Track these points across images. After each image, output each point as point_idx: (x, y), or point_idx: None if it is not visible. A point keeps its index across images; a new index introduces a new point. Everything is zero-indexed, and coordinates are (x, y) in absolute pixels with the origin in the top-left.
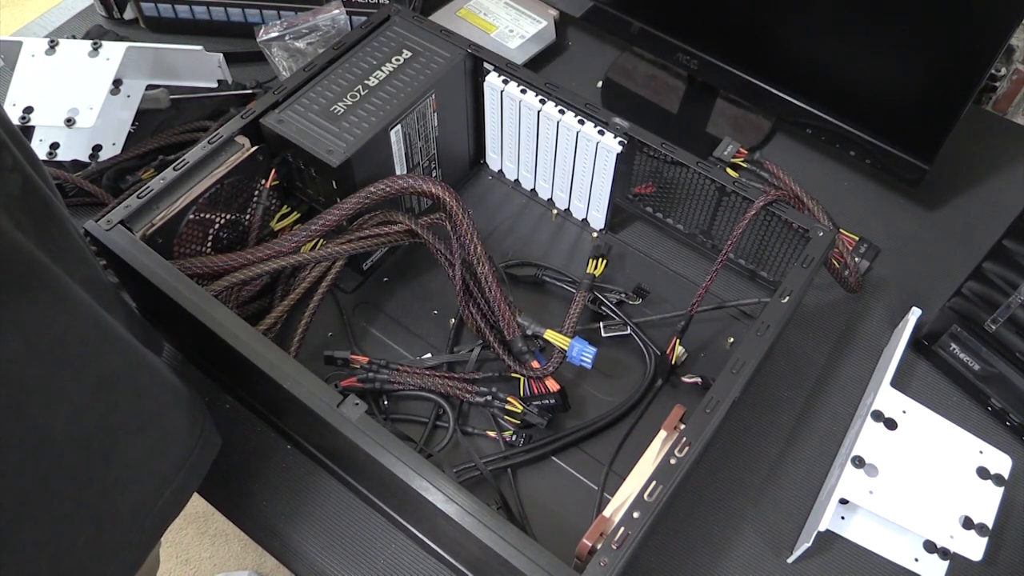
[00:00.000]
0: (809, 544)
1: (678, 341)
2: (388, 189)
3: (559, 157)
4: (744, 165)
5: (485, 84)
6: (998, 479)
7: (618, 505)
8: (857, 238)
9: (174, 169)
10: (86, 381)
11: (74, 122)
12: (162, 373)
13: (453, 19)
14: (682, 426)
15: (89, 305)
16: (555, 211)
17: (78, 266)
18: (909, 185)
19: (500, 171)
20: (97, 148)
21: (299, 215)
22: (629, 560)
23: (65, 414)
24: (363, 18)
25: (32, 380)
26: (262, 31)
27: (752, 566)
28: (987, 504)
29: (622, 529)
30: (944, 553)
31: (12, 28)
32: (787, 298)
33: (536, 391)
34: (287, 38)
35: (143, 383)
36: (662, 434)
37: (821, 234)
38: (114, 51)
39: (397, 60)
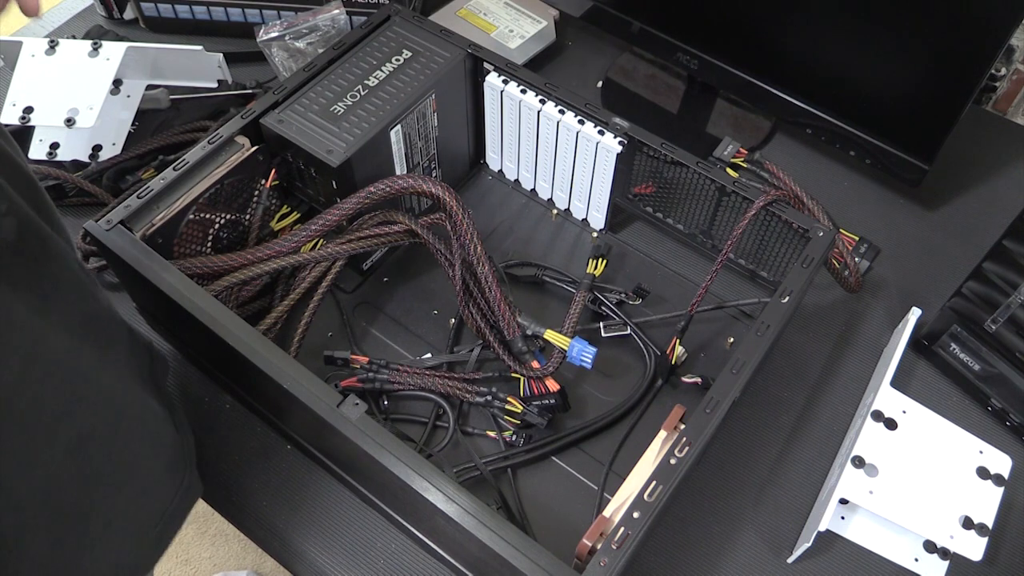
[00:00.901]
0: (809, 544)
1: (678, 341)
2: (388, 189)
3: (559, 157)
4: (744, 165)
5: (485, 84)
6: (998, 479)
7: (618, 505)
8: (857, 238)
9: (174, 169)
10: (60, 442)
11: (74, 122)
12: (143, 422)
13: (453, 19)
14: (682, 426)
15: (67, 363)
16: (555, 211)
17: (77, 303)
18: (909, 185)
19: (500, 171)
20: (97, 148)
21: (299, 215)
22: (629, 560)
23: (38, 476)
24: (363, 18)
25: (4, 443)
26: (262, 31)
27: (752, 566)
28: (987, 504)
29: (622, 529)
30: (944, 553)
31: (12, 28)
32: (787, 298)
33: (536, 391)
34: (287, 38)
35: (122, 437)
36: (662, 434)
37: (821, 234)
38: (114, 51)
39: (397, 60)
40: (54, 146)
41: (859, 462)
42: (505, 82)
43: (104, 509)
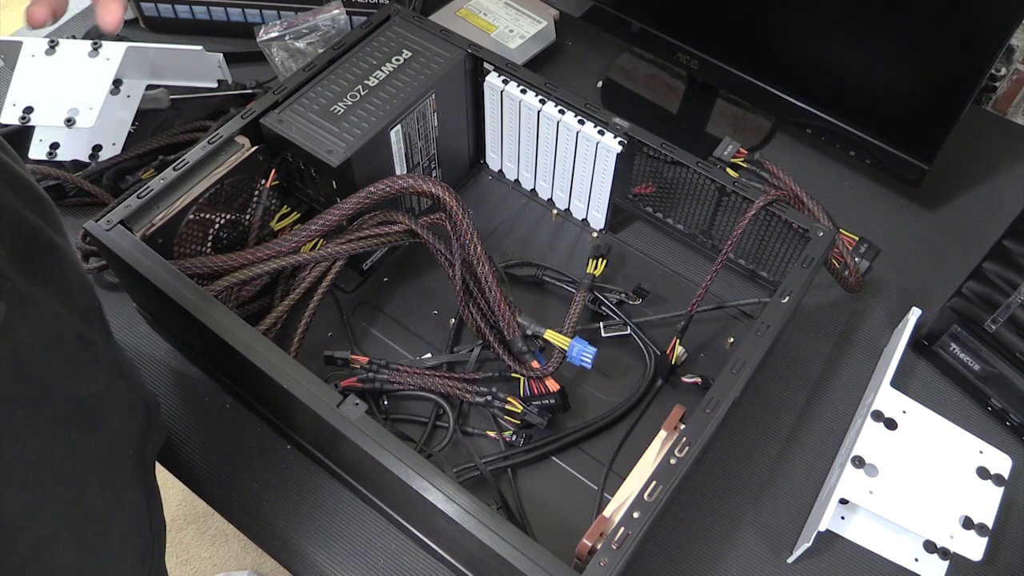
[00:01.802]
0: (809, 544)
1: (678, 341)
2: (388, 189)
3: (559, 157)
4: (744, 165)
5: (485, 84)
6: (998, 479)
7: (618, 505)
8: (857, 238)
9: (174, 169)
10: (19, 549)
11: (74, 122)
12: (114, 520)
13: (453, 19)
14: (682, 426)
15: (38, 462)
16: (555, 211)
17: (64, 387)
18: (909, 185)
19: (500, 171)
20: (97, 148)
21: (299, 215)
22: (629, 560)
23: None
24: (363, 18)
25: None
26: (262, 31)
27: (752, 566)
28: (987, 504)
29: (622, 529)
30: (944, 553)
31: (12, 28)
32: (787, 298)
33: (536, 391)
34: (287, 38)
35: (87, 542)
36: (662, 434)
37: (821, 234)
38: (114, 51)
39: (397, 60)
40: (54, 146)
41: (859, 462)
42: (505, 82)
43: None
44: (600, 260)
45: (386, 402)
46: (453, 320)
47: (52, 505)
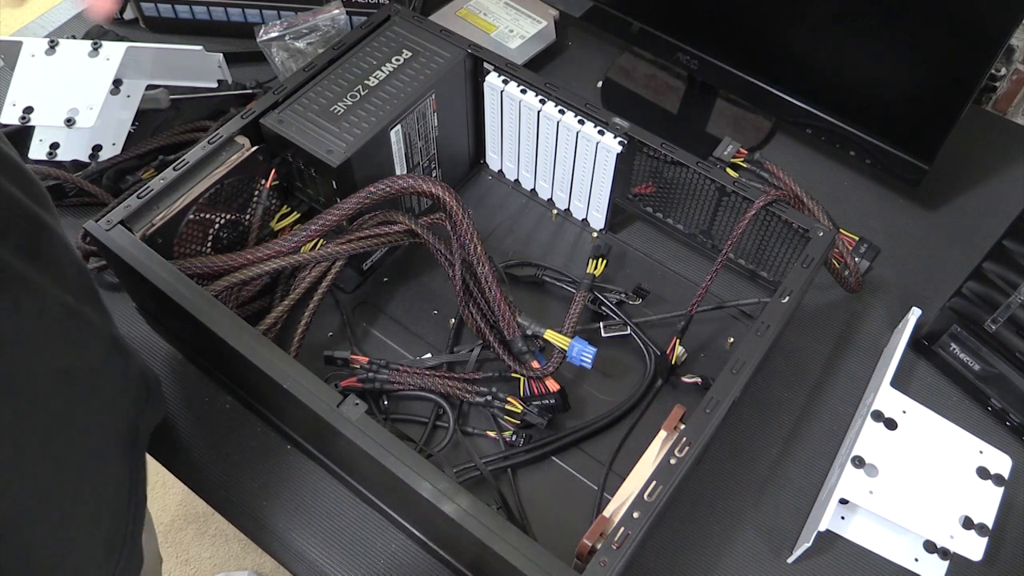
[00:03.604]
0: (809, 544)
1: (678, 341)
2: (388, 189)
3: (559, 157)
4: (744, 165)
5: (485, 84)
6: (998, 479)
7: (618, 505)
8: (857, 238)
9: (174, 169)
10: None
11: (74, 122)
12: (81, 503)
13: (453, 19)
14: (682, 426)
15: (9, 437)
16: (555, 211)
17: (50, 357)
18: (909, 185)
19: (500, 171)
20: (97, 148)
21: (299, 215)
22: (629, 560)
23: None
24: (363, 18)
25: None
26: (262, 31)
27: (752, 566)
28: (987, 504)
29: (622, 529)
30: (944, 553)
31: (12, 28)
32: (787, 298)
33: (536, 391)
34: (287, 38)
35: (54, 520)
36: (662, 434)
37: (821, 234)
38: (114, 51)
39: (397, 60)
40: (54, 146)
41: (859, 462)
42: (505, 82)
43: None
44: (600, 260)
45: (386, 402)
46: (453, 320)
47: (26, 476)
